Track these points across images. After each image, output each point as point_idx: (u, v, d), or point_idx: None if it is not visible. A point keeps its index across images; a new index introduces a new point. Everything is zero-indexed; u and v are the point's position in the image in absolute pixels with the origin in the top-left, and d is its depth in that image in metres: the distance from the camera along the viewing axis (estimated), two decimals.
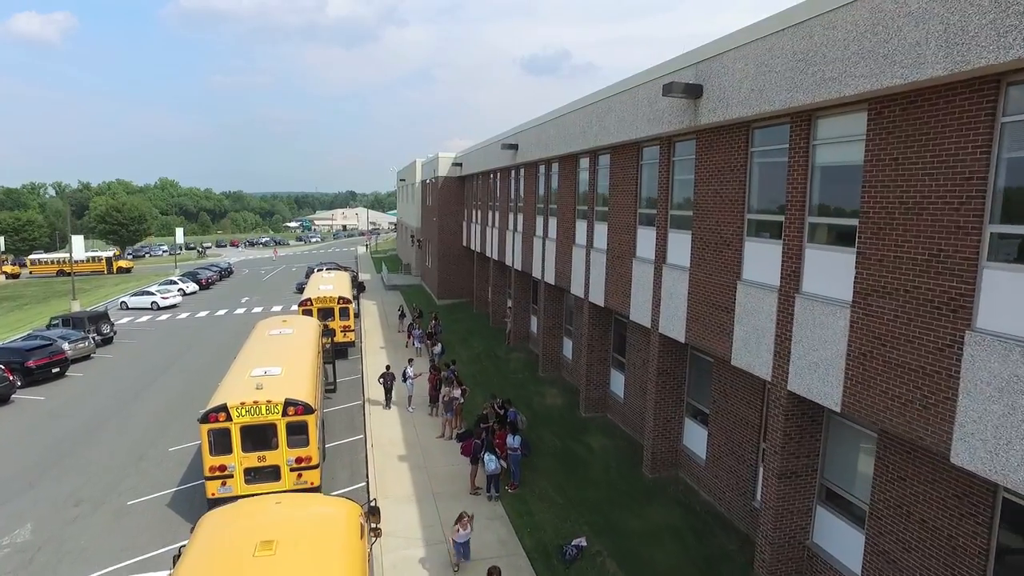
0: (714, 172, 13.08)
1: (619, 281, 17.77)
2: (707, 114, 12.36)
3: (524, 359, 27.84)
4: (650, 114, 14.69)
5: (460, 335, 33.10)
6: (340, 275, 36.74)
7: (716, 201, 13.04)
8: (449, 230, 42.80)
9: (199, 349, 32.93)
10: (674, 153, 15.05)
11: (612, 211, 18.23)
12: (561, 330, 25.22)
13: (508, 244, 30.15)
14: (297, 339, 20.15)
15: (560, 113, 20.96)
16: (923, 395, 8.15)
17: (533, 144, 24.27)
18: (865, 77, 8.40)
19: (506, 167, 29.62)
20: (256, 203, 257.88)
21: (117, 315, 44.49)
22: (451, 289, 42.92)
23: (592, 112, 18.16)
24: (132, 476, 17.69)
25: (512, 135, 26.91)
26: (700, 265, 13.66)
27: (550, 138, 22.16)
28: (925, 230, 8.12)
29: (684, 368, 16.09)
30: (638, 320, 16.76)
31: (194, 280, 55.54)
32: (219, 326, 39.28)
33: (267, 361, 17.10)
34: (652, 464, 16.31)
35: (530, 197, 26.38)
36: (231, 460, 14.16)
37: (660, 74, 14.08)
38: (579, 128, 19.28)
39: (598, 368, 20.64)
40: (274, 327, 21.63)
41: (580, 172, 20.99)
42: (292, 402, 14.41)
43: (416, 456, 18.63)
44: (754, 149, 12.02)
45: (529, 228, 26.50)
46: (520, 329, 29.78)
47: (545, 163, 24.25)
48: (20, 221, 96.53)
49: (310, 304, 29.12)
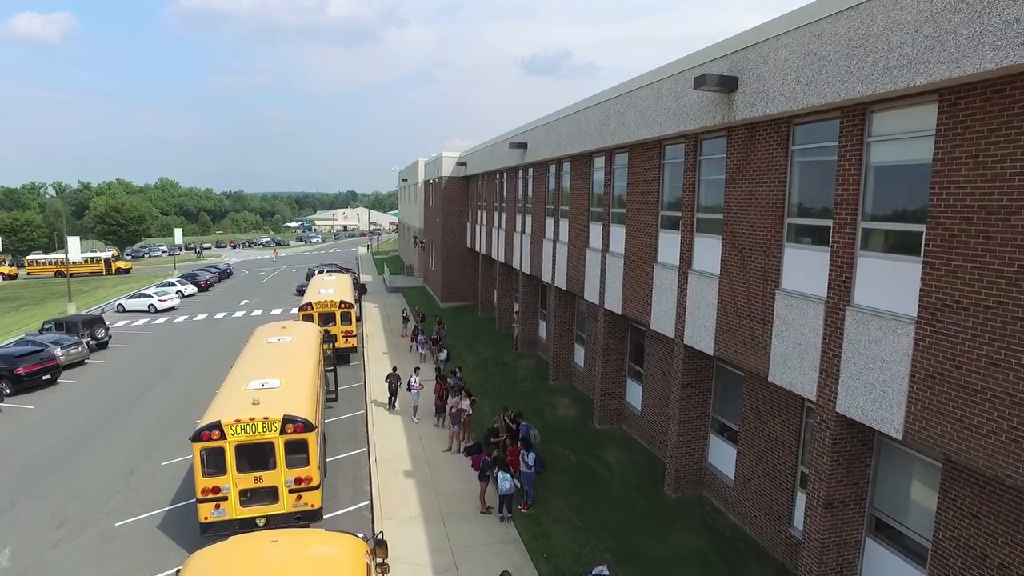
0: (748, 172, 12.08)
1: (638, 287, 16.76)
2: (743, 109, 11.35)
3: (533, 366, 26.83)
4: (676, 110, 13.68)
5: (465, 340, 32.11)
6: (341, 278, 35.72)
7: (750, 203, 12.03)
8: (453, 231, 41.79)
9: (197, 354, 31.94)
10: (701, 151, 14.04)
11: (631, 213, 17.22)
12: (572, 337, 24.22)
13: (516, 247, 29.14)
14: (297, 347, 19.15)
15: (574, 110, 19.95)
16: (1011, 426, 7.14)
17: (543, 143, 23.25)
18: (941, 63, 7.39)
19: (513, 167, 28.62)
20: (257, 203, 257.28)
21: (114, 318, 43.53)
22: (455, 292, 41.91)
23: (610, 108, 17.15)
24: (122, 493, 16.69)
25: (520, 133, 25.90)
26: (731, 272, 12.65)
27: (562, 136, 21.15)
28: (1014, 238, 7.11)
29: (710, 382, 15.08)
30: (659, 329, 15.76)
31: (192, 282, 54.55)
32: (217, 330, 38.30)
33: (265, 372, 16.11)
34: (675, 482, 15.29)
35: (540, 198, 25.37)
36: (225, 481, 13.15)
37: (689, 66, 13.07)
38: (595, 125, 18.27)
39: (614, 378, 19.62)
40: (273, 334, 20.62)
41: (595, 172, 19.98)
42: (291, 419, 13.40)
43: (422, 471, 17.63)
44: (795, 147, 11.01)
45: (538, 230, 25.50)
46: (528, 335, 28.77)
47: (556, 162, 23.24)
48: (18, 221, 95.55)
49: (311, 308, 28.12)
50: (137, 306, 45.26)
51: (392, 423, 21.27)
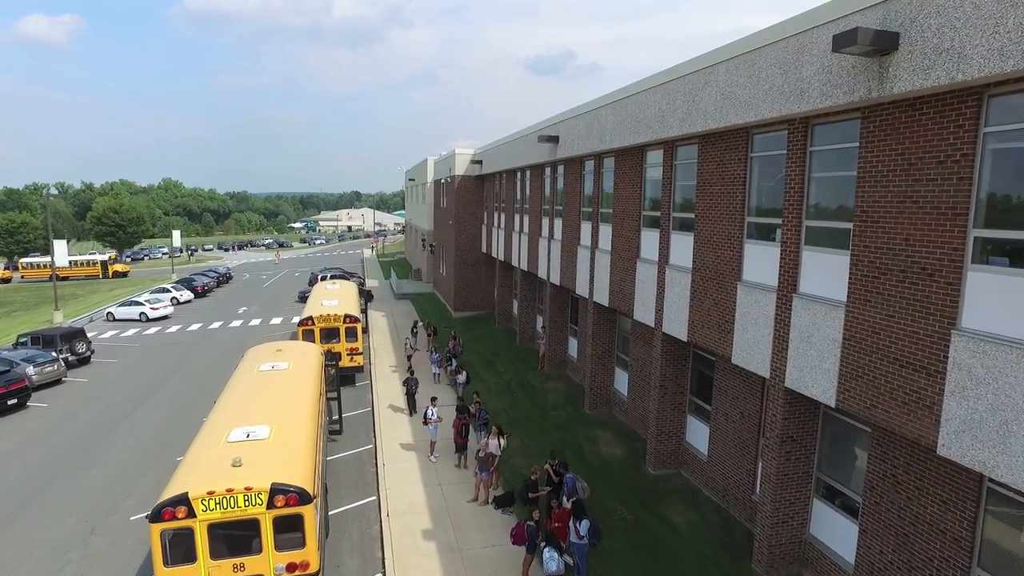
0: (899, 166, 8.89)
1: (714, 311, 13.57)
2: (908, 77, 8.15)
3: (564, 390, 23.65)
4: (783, 85, 10.50)
5: (483, 356, 28.95)
6: (346, 287, 32.48)
7: (903, 207, 8.84)
8: (467, 235, 38.63)
9: (186, 372, 28.85)
10: (812, 140, 10.85)
11: (701, 220, 14.03)
12: (612, 359, 21.03)
13: (541, 254, 25.98)
14: (293, 376, 16.02)
15: (624, 95, 16.76)
16: None
17: (581, 136, 20.07)
18: None
19: (539, 164, 25.45)
20: (260, 204, 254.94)
21: (102, 327, 40.56)
22: (469, 300, 38.75)
23: (677, 89, 13.98)
24: (75, 562, 13.56)
25: (551, 125, 22.71)
26: (866, 300, 9.46)
27: (606, 128, 17.96)
28: None
29: (815, 434, 11.88)
30: (744, 364, 12.57)
31: (189, 287, 51.49)
32: (212, 342, 35.22)
33: (252, 414, 12.98)
34: (769, 558, 12.09)
35: (573, 199, 22.17)
36: (195, 572, 10.02)
37: (804, 26, 9.90)
38: (654, 112, 15.09)
39: (672, 414, 16.44)
40: (265, 359, 17.48)
41: (648, 169, 16.80)
42: (281, 488, 10.26)
43: (445, 531, 14.49)
44: (990, 129, 7.80)
45: (571, 236, 22.31)
46: (556, 353, 25.57)
47: (596, 158, 20.04)
48: (14, 223, 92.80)
49: (312, 323, 24.96)
50: (128, 314, 42.21)
51: (406, 462, 18.13)
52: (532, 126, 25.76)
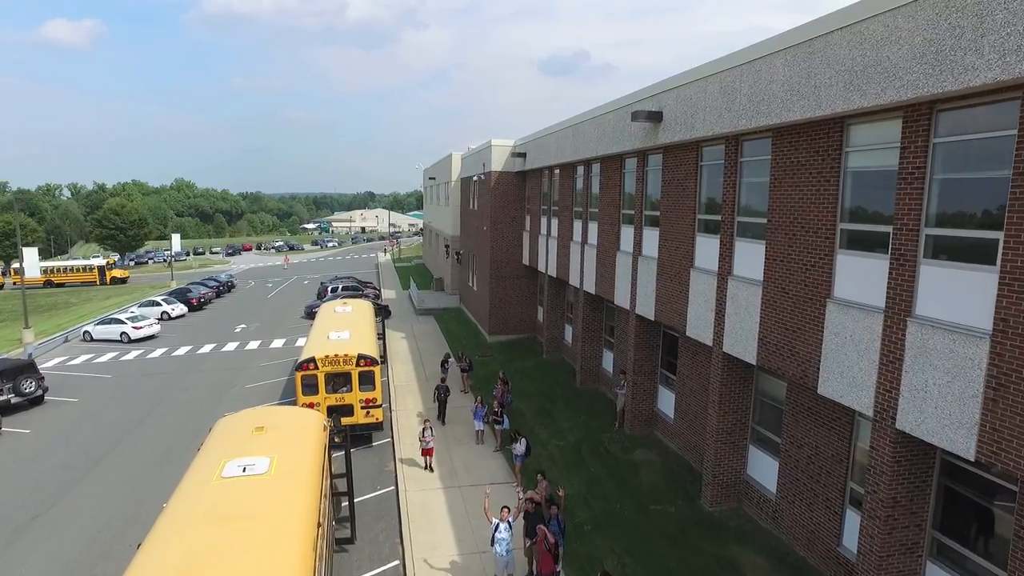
0: None
1: None
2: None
3: (659, 464, 17.13)
4: None
5: (535, 402, 22.52)
6: (359, 309, 25.66)
7: None
8: (505, 243, 32.20)
9: (158, 419, 22.70)
10: None
11: None
12: (746, 432, 14.51)
13: (617, 273, 19.50)
14: (276, 487, 9.69)
15: (770, 49, 10.23)
16: None
17: (699, 111, 13.43)
18: None
19: (614, 154, 18.93)
20: (274, 204, 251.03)
21: (75, 350, 34.71)
22: (506, 323, 32.36)
23: (840, 43, 7.49)
24: None
25: (651, 96, 15.99)
26: None
27: (741, 99, 11.46)
28: None
29: None
30: None
31: (183, 300, 45.41)
32: (198, 372, 29.12)
33: (207, 564, 6.89)
34: None
35: (682, 201, 15.50)
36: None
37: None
38: (830, 73, 8.58)
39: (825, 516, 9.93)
40: (235, 443, 11.14)
41: (832, 155, 10.29)
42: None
43: None
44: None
45: (677, 254, 15.71)
46: (643, 408, 19.06)
47: (730, 141, 13.49)
48: (11, 226, 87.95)
49: (314, 367, 18.22)
50: (107, 334, 36.23)
51: None
52: (604, 105, 19.23)
